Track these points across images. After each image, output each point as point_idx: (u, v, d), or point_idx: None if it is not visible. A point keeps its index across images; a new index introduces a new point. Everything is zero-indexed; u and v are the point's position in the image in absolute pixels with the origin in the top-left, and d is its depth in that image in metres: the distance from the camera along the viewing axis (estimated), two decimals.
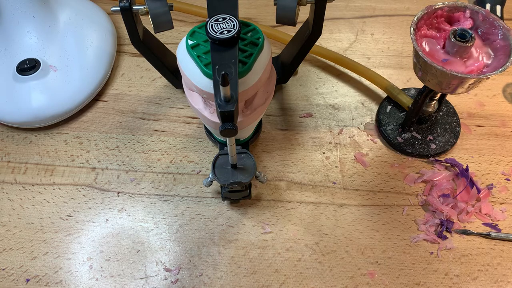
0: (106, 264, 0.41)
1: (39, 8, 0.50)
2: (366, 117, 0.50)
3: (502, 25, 0.37)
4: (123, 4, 0.39)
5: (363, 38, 0.57)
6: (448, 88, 0.38)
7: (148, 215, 0.44)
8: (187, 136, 0.49)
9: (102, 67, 0.52)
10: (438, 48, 0.38)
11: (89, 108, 0.51)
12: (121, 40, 0.57)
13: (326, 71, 0.54)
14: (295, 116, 0.51)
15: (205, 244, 0.42)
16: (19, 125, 0.49)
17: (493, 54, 0.38)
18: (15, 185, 0.46)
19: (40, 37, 0.50)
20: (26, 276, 0.41)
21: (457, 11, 0.39)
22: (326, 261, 0.41)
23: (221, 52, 0.33)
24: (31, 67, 0.48)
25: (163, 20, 0.40)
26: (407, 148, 0.47)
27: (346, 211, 0.44)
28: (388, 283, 0.40)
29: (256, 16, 0.60)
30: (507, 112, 0.51)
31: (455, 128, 0.48)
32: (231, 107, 0.29)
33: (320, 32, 0.44)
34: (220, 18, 0.34)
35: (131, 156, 0.48)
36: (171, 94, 0.52)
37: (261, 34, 0.38)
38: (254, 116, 0.40)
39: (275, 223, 0.43)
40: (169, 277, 0.41)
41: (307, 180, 0.46)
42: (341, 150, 0.48)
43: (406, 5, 0.61)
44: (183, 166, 0.47)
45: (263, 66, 0.37)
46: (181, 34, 0.57)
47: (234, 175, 0.39)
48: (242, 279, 0.41)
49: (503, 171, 0.46)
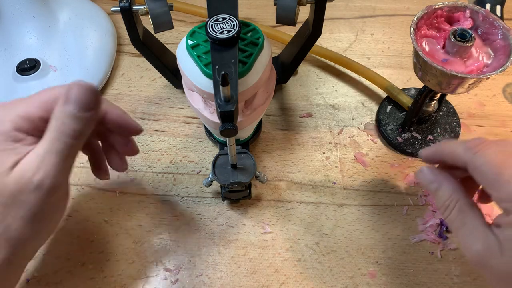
0: (106, 264, 0.41)
1: (39, 8, 0.50)
2: (366, 117, 0.50)
3: (502, 25, 0.37)
4: (123, 4, 0.39)
5: (363, 38, 0.57)
6: (448, 88, 0.38)
7: (148, 215, 0.44)
8: (187, 136, 0.49)
9: (102, 67, 0.52)
10: (438, 48, 0.38)
11: None
12: (121, 40, 0.57)
13: (326, 71, 0.54)
14: (295, 116, 0.51)
15: (205, 244, 0.42)
16: None
17: (493, 54, 0.38)
18: None
19: (40, 37, 0.50)
20: (26, 276, 0.41)
21: (457, 11, 0.39)
22: (326, 261, 0.41)
23: (221, 52, 0.33)
24: (31, 67, 0.48)
25: (163, 20, 0.40)
26: (407, 148, 0.47)
27: (346, 211, 0.44)
28: (388, 283, 0.40)
29: (256, 16, 0.60)
30: (507, 112, 0.51)
31: (455, 128, 0.48)
32: (231, 107, 0.29)
33: (320, 32, 0.44)
34: (220, 18, 0.34)
35: (131, 156, 0.47)
36: (171, 94, 0.52)
37: (261, 34, 0.38)
38: (254, 116, 0.40)
39: (275, 223, 0.43)
40: (169, 277, 0.41)
41: (307, 180, 0.46)
42: (341, 150, 0.48)
43: (406, 5, 0.61)
44: (183, 166, 0.47)
45: (263, 66, 0.37)
46: (181, 34, 0.57)
47: (234, 175, 0.40)
48: (242, 279, 0.41)
49: None
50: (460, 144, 0.33)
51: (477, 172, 0.30)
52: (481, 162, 0.30)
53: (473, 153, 0.31)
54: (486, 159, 0.30)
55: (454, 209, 0.32)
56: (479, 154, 0.30)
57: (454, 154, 0.33)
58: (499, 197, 0.29)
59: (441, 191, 0.34)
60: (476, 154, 0.31)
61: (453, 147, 0.33)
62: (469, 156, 0.31)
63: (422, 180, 0.36)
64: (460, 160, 0.32)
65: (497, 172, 0.29)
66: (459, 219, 0.32)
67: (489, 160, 0.30)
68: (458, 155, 0.32)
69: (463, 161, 0.32)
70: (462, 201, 0.32)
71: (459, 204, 0.32)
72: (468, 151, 0.31)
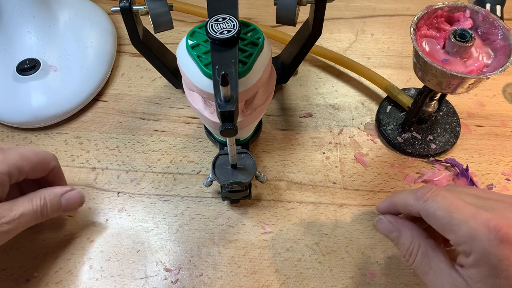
0: (106, 264, 0.41)
1: (39, 8, 0.50)
2: (366, 117, 0.50)
3: (502, 25, 0.37)
4: (123, 4, 0.39)
5: (363, 38, 0.57)
6: (448, 88, 0.38)
7: (148, 215, 0.44)
8: (187, 136, 0.49)
9: (102, 67, 0.52)
10: (438, 48, 0.38)
11: (89, 108, 0.51)
12: (121, 40, 0.57)
13: (326, 71, 0.54)
14: (295, 116, 0.51)
15: (205, 244, 0.42)
16: (19, 125, 0.49)
17: (493, 54, 0.38)
18: None
19: (40, 37, 0.50)
20: (26, 276, 0.41)
21: (457, 11, 0.39)
22: (326, 261, 0.41)
23: (221, 52, 0.33)
24: (31, 67, 0.48)
25: (163, 20, 0.40)
26: (407, 148, 0.47)
27: (346, 211, 0.44)
28: (388, 283, 0.40)
29: (256, 16, 0.60)
30: (507, 112, 0.51)
31: (455, 128, 0.48)
32: (231, 107, 0.29)
33: (320, 32, 0.44)
34: (220, 18, 0.34)
35: (131, 156, 0.48)
36: (171, 94, 0.52)
37: (261, 34, 0.38)
38: (254, 116, 0.40)
39: (275, 223, 0.43)
40: (169, 277, 0.41)
41: (307, 180, 0.46)
42: (341, 150, 0.48)
43: (406, 5, 0.61)
44: (183, 166, 0.47)
45: (263, 66, 0.37)
46: (181, 34, 0.57)
47: (234, 175, 0.40)
48: (242, 279, 0.41)
49: (503, 171, 0.46)
50: (409, 194, 0.33)
51: (431, 219, 0.31)
52: (433, 209, 0.31)
53: (423, 201, 0.31)
54: (438, 205, 0.30)
55: (418, 254, 0.33)
56: (430, 201, 0.31)
57: (406, 204, 0.34)
58: (456, 240, 0.30)
59: (402, 238, 0.34)
60: (427, 201, 0.31)
61: (404, 198, 0.34)
62: (421, 205, 0.32)
63: (382, 231, 0.36)
64: (413, 209, 0.32)
65: (449, 216, 0.30)
66: (424, 263, 0.32)
67: (440, 206, 0.30)
68: (410, 205, 0.33)
69: (416, 210, 0.32)
70: (424, 245, 0.33)
71: (422, 248, 0.33)
72: (419, 200, 0.32)
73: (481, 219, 0.28)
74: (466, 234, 0.29)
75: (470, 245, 0.29)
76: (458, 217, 0.29)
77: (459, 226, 0.29)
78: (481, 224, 0.28)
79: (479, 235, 0.28)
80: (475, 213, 0.29)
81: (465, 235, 0.29)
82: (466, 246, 0.29)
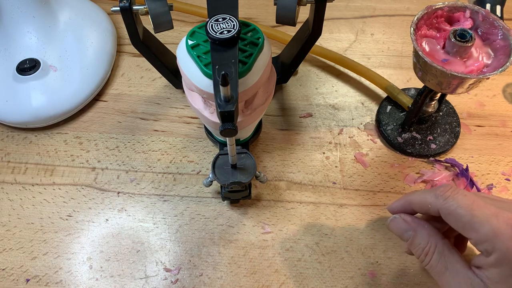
0: (106, 264, 0.41)
1: (39, 8, 0.50)
2: (366, 117, 0.50)
3: (502, 25, 0.37)
4: (123, 4, 0.39)
5: (363, 38, 0.57)
6: (448, 88, 0.38)
7: (148, 215, 0.44)
8: (187, 136, 0.49)
9: (102, 67, 0.52)
10: (438, 48, 0.38)
11: (89, 108, 0.51)
12: (121, 40, 0.57)
13: (326, 71, 0.54)
14: (295, 116, 0.51)
15: (205, 244, 0.42)
16: (19, 125, 0.49)
17: (493, 54, 0.38)
18: (15, 185, 0.46)
19: (40, 37, 0.50)
20: (26, 276, 0.41)
21: (457, 11, 0.39)
22: (326, 261, 0.41)
23: (221, 52, 0.33)
24: (31, 67, 0.48)
25: (163, 20, 0.40)
26: (407, 148, 0.47)
27: (346, 211, 0.44)
28: (388, 283, 0.40)
29: (256, 16, 0.60)
30: (507, 112, 0.51)
31: (455, 128, 0.48)
32: (231, 107, 0.29)
33: (320, 32, 0.44)
34: (220, 18, 0.34)
35: (131, 156, 0.48)
36: (171, 94, 0.52)
37: (261, 34, 0.38)
38: (254, 116, 0.40)
39: (275, 223, 0.43)
40: (169, 277, 0.41)
41: (307, 180, 0.46)
42: (341, 150, 0.48)
43: (406, 5, 0.61)
44: (183, 166, 0.47)
45: (263, 66, 0.37)
46: (181, 34, 0.57)
47: (234, 175, 0.39)
48: (242, 279, 0.41)
49: (503, 171, 0.46)
50: (428, 193, 0.33)
51: (451, 217, 0.31)
52: (454, 207, 0.30)
53: (444, 200, 0.31)
54: (459, 203, 0.30)
55: (434, 253, 0.32)
56: (450, 199, 0.31)
57: (424, 203, 0.33)
58: (477, 239, 0.29)
59: (417, 238, 0.34)
60: (447, 199, 0.31)
61: (422, 197, 0.33)
62: (441, 203, 0.31)
63: (396, 230, 0.36)
64: (432, 208, 0.32)
65: (470, 214, 0.29)
66: (441, 263, 0.32)
67: (460, 204, 0.30)
68: (429, 203, 0.32)
69: (435, 208, 0.32)
70: (440, 244, 0.32)
71: (438, 247, 0.32)
72: (439, 198, 0.31)
73: (504, 218, 0.28)
74: (488, 233, 0.28)
75: (492, 244, 0.28)
76: (479, 215, 0.29)
77: (481, 224, 0.28)
78: (503, 223, 0.28)
79: (502, 233, 0.28)
80: (497, 212, 0.29)
81: (487, 233, 0.28)
82: (488, 245, 0.28)
